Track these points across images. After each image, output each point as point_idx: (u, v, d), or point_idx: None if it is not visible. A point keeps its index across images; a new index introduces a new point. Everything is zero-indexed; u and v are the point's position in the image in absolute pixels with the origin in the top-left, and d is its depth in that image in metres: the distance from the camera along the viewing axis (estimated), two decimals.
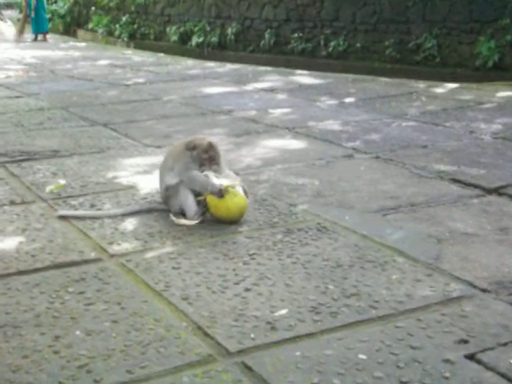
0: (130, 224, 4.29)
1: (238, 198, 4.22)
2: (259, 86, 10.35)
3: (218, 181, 4.27)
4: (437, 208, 4.54)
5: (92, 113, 8.14)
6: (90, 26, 20.17)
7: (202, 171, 4.30)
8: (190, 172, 4.31)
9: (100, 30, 19.31)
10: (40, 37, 20.20)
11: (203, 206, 4.28)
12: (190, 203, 4.31)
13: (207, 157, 4.31)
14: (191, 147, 4.33)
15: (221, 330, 2.95)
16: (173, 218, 4.32)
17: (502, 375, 2.61)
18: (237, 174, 5.24)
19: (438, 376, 2.60)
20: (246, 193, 4.35)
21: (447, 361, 2.71)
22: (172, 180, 4.37)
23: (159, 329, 2.98)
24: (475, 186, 4.96)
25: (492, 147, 6.17)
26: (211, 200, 4.23)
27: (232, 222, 4.23)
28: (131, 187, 5.06)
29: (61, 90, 10.12)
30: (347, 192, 4.90)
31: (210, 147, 4.33)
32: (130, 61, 14.36)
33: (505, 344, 2.83)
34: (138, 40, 17.63)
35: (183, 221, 4.28)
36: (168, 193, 4.40)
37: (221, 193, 4.19)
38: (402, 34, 11.53)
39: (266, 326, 2.99)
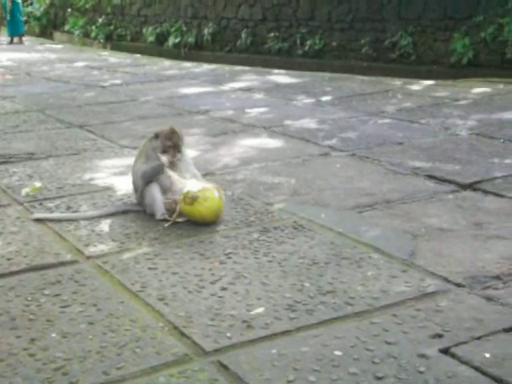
0: (106, 225, 4.28)
1: (209, 202, 4.18)
2: (236, 85, 10.36)
3: (183, 185, 4.27)
4: (412, 204, 4.57)
5: (68, 115, 8.11)
6: (67, 27, 20.06)
7: (165, 163, 4.31)
8: (150, 163, 4.35)
9: (76, 32, 19.21)
10: (16, 39, 20.08)
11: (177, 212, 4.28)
12: (157, 204, 4.32)
13: (171, 144, 4.31)
14: (154, 137, 4.36)
15: (197, 330, 2.96)
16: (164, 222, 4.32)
17: (476, 368, 2.63)
18: (213, 173, 5.26)
19: (413, 371, 2.62)
20: (219, 191, 4.30)
21: (422, 355, 2.73)
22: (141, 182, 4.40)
23: (135, 329, 2.97)
24: (450, 182, 5.00)
25: (467, 143, 6.21)
26: (184, 209, 4.21)
27: (209, 224, 4.23)
28: (108, 188, 5.05)
29: (37, 92, 10.07)
30: (323, 190, 4.91)
31: (173, 133, 4.34)
32: (106, 62, 14.32)
33: (479, 338, 2.86)
34: (114, 41, 17.57)
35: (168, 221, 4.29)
36: (142, 194, 4.41)
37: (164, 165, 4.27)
38: (378, 32, 11.57)
39: (242, 324, 3.00)
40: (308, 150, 6.12)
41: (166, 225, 4.23)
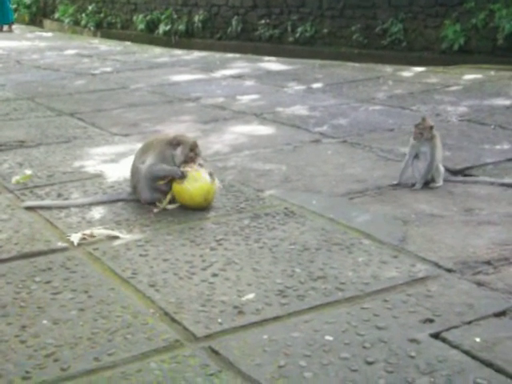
0: (97, 212, 4.27)
1: (199, 183, 4.20)
2: (227, 72, 10.33)
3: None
4: (403, 190, 4.57)
5: (59, 103, 8.08)
6: (57, 15, 19.96)
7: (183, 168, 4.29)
8: (160, 164, 4.29)
9: (66, 20, 19.11)
10: (5, 28, 19.95)
11: (169, 194, 4.30)
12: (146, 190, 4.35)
13: (193, 155, 4.29)
14: (175, 144, 4.30)
15: (188, 316, 2.96)
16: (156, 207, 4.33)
17: (466, 352, 2.64)
18: (204, 160, 5.24)
19: (404, 355, 2.63)
20: (211, 176, 4.29)
21: (413, 340, 2.74)
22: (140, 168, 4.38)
23: (126, 316, 2.97)
24: None
25: (458, 129, 6.22)
26: (175, 187, 4.23)
27: (199, 208, 4.23)
28: (98, 176, 5.04)
29: (27, 80, 10.01)
30: (314, 176, 4.91)
31: (196, 145, 4.31)
32: (96, 50, 14.25)
33: (469, 322, 2.87)
34: (104, 29, 17.49)
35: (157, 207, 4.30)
36: (136, 181, 4.40)
37: (182, 174, 4.18)
38: (369, 19, 11.56)
39: (233, 310, 3.00)
40: (299, 136, 6.12)
41: (156, 210, 4.24)
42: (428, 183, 4.61)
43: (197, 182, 4.19)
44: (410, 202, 4.34)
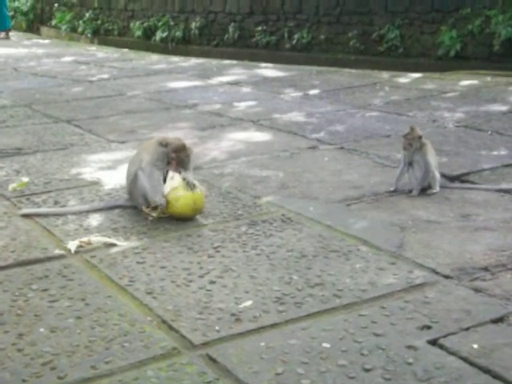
0: (94, 220, 4.27)
1: (182, 200, 4.15)
2: (224, 79, 10.33)
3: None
4: (400, 197, 4.58)
5: (55, 110, 8.07)
6: (54, 22, 19.95)
7: (167, 170, 4.27)
8: (152, 168, 4.27)
9: (63, 27, 19.10)
10: (2, 34, 19.91)
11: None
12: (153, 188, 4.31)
13: (175, 157, 4.27)
14: (164, 144, 4.31)
15: (185, 323, 2.95)
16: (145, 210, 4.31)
17: (464, 359, 2.64)
18: (199, 168, 5.24)
19: (401, 362, 2.63)
20: (189, 185, 4.21)
21: (410, 347, 2.74)
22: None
23: (123, 324, 2.97)
24: None
25: (454, 135, 6.23)
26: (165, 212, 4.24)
27: (191, 218, 4.21)
28: (95, 183, 5.03)
29: (24, 87, 10.00)
30: (311, 183, 4.92)
31: (181, 149, 4.28)
32: (94, 57, 14.24)
33: (467, 329, 2.87)
34: (101, 36, 17.50)
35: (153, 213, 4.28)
36: (131, 185, 4.38)
37: (162, 206, 4.18)
38: (365, 25, 11.58)
39: (230, 317, 3.00)
40: (296, 143, 6.12)
41: (150, 219, 4.24)
42: (425, 190, 4.61)
43: (178, 201, 4.16)
44: (407, 209, 4.34)
